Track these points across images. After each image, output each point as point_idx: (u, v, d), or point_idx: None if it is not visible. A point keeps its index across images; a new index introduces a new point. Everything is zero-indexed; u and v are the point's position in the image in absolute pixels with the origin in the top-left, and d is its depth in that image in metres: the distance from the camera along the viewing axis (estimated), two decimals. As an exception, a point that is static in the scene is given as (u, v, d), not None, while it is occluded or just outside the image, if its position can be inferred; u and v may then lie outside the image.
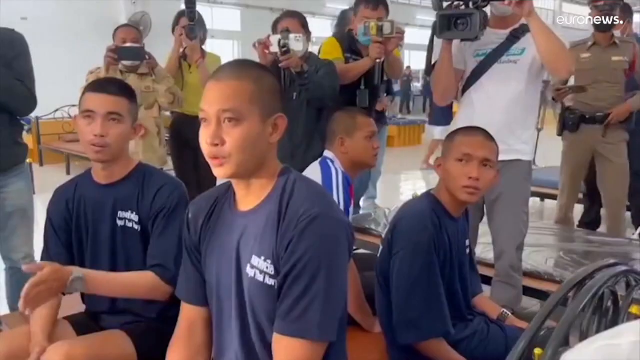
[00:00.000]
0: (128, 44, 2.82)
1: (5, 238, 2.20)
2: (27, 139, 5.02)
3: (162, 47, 4.25)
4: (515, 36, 2.17)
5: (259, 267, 1.09)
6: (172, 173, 3.11)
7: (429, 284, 1.47)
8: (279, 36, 2.32)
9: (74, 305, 1.71)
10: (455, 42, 2.22)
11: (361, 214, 3.47)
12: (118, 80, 1.67)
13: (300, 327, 1.02)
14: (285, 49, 2.29)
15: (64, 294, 1.62)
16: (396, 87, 4.62)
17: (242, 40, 11.51)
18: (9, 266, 2.26)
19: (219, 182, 1.25)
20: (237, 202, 1.18)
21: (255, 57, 2.86)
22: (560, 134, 3.51)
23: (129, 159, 1.62)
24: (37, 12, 8.12)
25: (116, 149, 1.52)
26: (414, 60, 16.04)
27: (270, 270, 1.08)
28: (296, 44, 2.32)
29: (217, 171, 1.09)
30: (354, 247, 1.39)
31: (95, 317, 1.66)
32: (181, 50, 3.10)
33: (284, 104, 1.16)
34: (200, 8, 3.13)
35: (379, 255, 1.62)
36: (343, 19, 3.92)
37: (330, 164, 1.89)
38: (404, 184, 7.01)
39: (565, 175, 3.53)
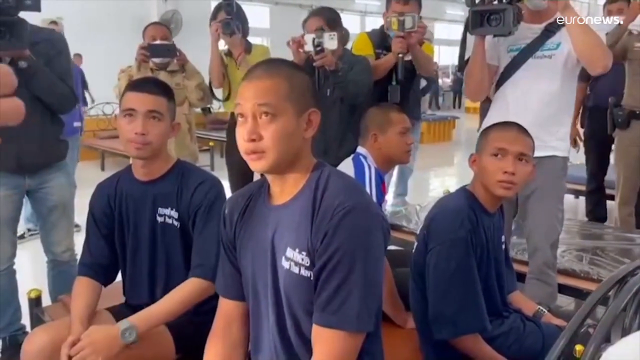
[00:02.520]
0: (159, 42, 2.84)
1: (47, 232, 2.28)
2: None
3: (192, 44, 4.33)
4: (550, 30, 2.14)
5: (293, 259, 1.11)
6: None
7: (466, 279, 1.47)
8: (313, 35, 2.33)
9: (115, 297, 1.76)
10: (489, 37, 2.20)
11: (392, 210, 3.46)
12: (157, 80, 1.71)
13: (339, 319, 1.03)
14: (319, 48, 2.30)
15: (104, 285, 1.69)
16: (423, 83, 4.56)
17: (271, 37, 11.55)
18: (50, 259, 2.33)
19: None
20: (272, 196, 1.20)
21: (284, 54, 2.87)
22: (612, 131, 3.44)
23: (167, 157, 1.66)
24: (73, 12, 8.30)
25: (156, 146, 1.56)
26: (443, 56, 15.88)
27: (306, 262, 1.09)
28: (330, 42, 2.32)
29: (254, 165, 1.11)
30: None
31: (134, 309, 1.70)
32: (226, 46, 3.02)
33: (317, 100, 1.18)
34: None
35: (413, 251, 1.62)
36: None
37: (363, 160, 1.90)
38: (434, 180, 6.96)
39: (620, 174, 3.46)
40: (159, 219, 1.63)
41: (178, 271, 1.64)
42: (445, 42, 15.32)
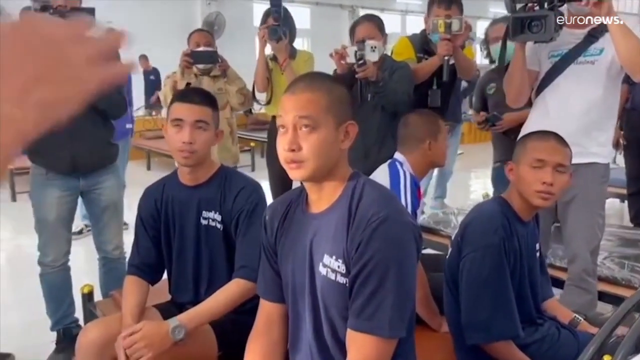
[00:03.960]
0: (202, 48, 2.93)
1: (99, 231, 2.41)
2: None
3: (235, 45, 4.45)
4: (593, 36, 2.12)
5: (330, 266, 1.17)
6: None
7: (499, 286, 1.49)
8: (355, 47, 2.37)
9: (161, 294, 1.86)
10: (529, 42, 2.19)
11: (430, 213, 3.47)
12: (202, 90, 1.80)
13: (372, 325, 1.08)
14: (361, 61, 2.34)
15: (152, 283, 1.79)
16: (464, 84, 4.53)
17: (312, 37, 11.65)
18: (101, 256, 2.46)
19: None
20: (310, 204, 1.26)
21: (324, 54, 2.93)
22: None
23: (212, 163, 1.74)
24: (122, 17, 8.60)
25: (202, 154, 1.65)
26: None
27: (342, 269, 1.15)
28: (372, 54, 2.35)
29: (293, 174, 1.18)
30: (422, 247, 1.43)
31: (180, 306, 1.80)
32: (271, 51, 3.08)
33: (354, 112, 1.23)
34: (265, 8, 3.09)
35: (447, 257, 1.65)
36: None
37: (399, 166, 1.93)
38: (474, 182, 6.88)
39: None
40: (203, 222, 1.72)
41: (221, 271, 1.72)
42: (488, 41, 15.05)
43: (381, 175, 1.90)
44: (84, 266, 2.61)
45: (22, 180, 5.34)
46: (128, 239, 2.50)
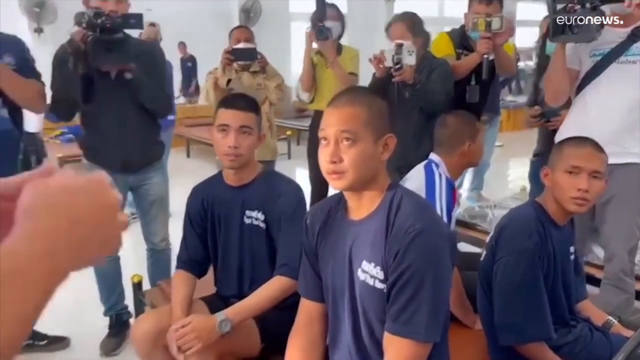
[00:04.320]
0: (242, 45, 3.01)
1: (147, 223, 2.54)
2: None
3: (271, 33, 4.51)
4: (636, 35, 2.09)
5: (369, 272, 1.24)
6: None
7: (532, 290, 1.53)
8: (392, 51, 2.41)
9: (207, 287, 1.97)
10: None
11: (466, 207, 3.49)
12: (246, 96, 1.88)
13: (409, 329, 1.15)
14: (398, 65, 2.38)
15: (198, 277, 1.89)
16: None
17: (348, 22, 11.62)
18: (149, 247, 2.60)
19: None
20: (349, 211, 1.33)
21: (361, 39, 2.98)
22: None
23: (255, 164, 1.83)
24: (160, 4, 8.77)
25: (246, 157, 1.74)
26: (526, 37, 15.18)
27: (380, 275, 1.22)
28: (409, 58, 2.38)
29: (334, 184, 1.25)
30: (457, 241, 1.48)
31: (224, 299, 1.90)
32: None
33: (393, 125, 1.29)
34: None
35: (482, 259, 1.70)
36: None
37: (435, 168, 1.97)
38: (512, 172, 6.79)
39: None
40: (247, 221, 1.81)
41: (263, 267, 1.82)
42: (525, 24, 14.64)
43: (416, 176, 1.95)
44: (132, 256, 2.74)
45: (71, 168, 5.59)
46: (171, 226, 2.64)
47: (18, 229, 0.41)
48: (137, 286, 2.34)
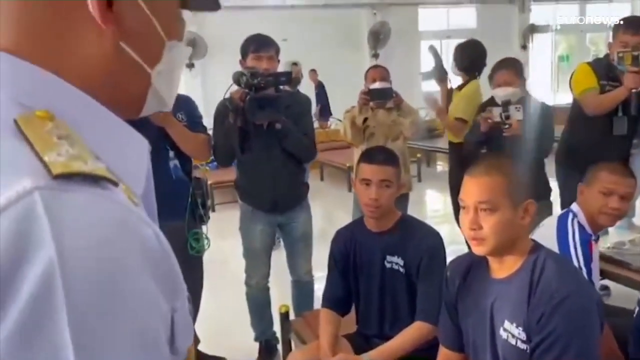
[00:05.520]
0: (378, 85, 3.14)
1: (293, 257, 2.76)
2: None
3: (399, 51, 4.62)
4: None
5: (511, 332, 1.28)
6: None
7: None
8: (500, 109, 2.59)
9: (349, 325, 2.11)
10: None
11: (615, 242, 3.27)
12: (386, 150, 2.01)
13: None
14: (508, 122, 2.57)
15: (342, 315, 2.05)
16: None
17: (478, 37, 11.35)
18: (294, 279, 2.82)
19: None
20: (491, 269, 1.38)
21: (490, 52, 3.15)
22: None
23: (394, 212, 1.94)
24: (295, 32, 9.31)
25: (386, 207, 1.86)
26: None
27: (522, 336, 1.26)
28: (517, 114, 2.57)
29: (475, 249, 1.32)
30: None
31: (365, 338, 2.03)
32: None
33: (533, 189, 1.32)
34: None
35: (635, 315, 1.64)
36: None
37: (571, 219, 1.91)
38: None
39: None
40: (387, 265, 1.93)
41: (403, 309, 1.92)
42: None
43: (549, 225, 1.92)
44: (278, 286, 2.99)
45: (219, 193, 6.16)
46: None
47: None
48: (285, 316, 2.55)
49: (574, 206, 1.98)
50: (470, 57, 3.33)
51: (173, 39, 0.56)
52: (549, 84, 12.21)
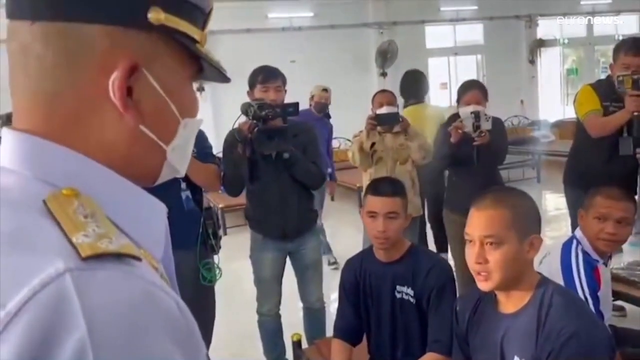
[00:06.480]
0: (385, 110, 3.17)
1: (303, 285, 2.78)
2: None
3: (406, 69, 4.73)
4: None
5: None
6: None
7: None
8: (472, 119, 2.76)
9: (361, 354, 2.12)
10: None
11: (629, 263, 3.24)
12: (392, 181, 2.03)
13: None
14: (479, 131, 2.76)
15: (354, 345, 2.05)
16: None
17: (485, 53, 11.39)
18: (305, 306, 2.83)
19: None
20: (499, 304, 1.39)
21: (498, 68, 3.22)
22: None
23: (403, 242, 1.96)
24: (304, 53, 9.40)
25: (394, 239, 1.88)
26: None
27: None
28: (486, 124, 2.76)
29: (481, 285, 1.33)
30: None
31: (378, 366, 2.04)
32: None
33: (540, 224, 1.33)
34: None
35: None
36: None
37: (574, 247, 1.90)
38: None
39: None
40: (397, 295, 1.94)
41: (416, 339, 1.93)
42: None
43: (555, 256, 1.92)
44: (289, 313, 2.99)
45: (230, 217, 6.19)
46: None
47: None
48: (297, 344, 2.56)
49: (577, 232, 1.97)
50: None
51: (186, 117, 0.59)
52: (559, 98, 12.17)
